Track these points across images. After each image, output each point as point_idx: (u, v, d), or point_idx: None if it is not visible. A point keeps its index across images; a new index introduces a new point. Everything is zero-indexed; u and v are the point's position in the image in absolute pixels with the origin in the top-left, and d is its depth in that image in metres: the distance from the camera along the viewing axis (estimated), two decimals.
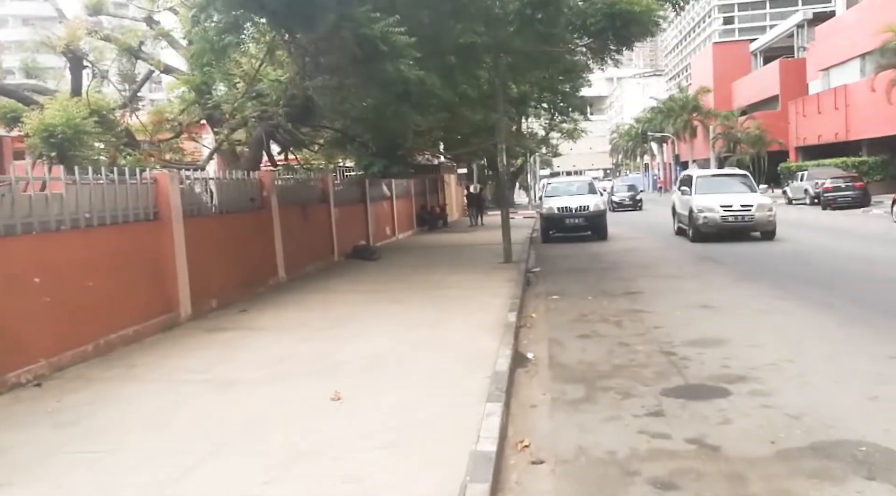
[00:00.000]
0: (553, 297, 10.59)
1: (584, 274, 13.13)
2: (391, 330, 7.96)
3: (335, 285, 11.81)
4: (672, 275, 12.51)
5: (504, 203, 14.67)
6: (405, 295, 10.49)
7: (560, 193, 21.33)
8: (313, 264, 13.70)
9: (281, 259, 12.00)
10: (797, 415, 5.06)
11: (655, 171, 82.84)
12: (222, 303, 9.99)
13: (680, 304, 9.45)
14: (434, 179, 30.11)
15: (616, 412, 5.35)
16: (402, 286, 11.39)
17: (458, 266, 13.98)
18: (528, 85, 18.38)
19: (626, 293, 10.59)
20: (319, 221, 14.50)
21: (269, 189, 11.84)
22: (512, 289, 10.47)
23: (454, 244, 19.12)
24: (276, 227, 11.93)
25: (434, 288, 11.07)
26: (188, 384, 6.21)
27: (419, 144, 19.17)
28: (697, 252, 15.75)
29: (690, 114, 55.98)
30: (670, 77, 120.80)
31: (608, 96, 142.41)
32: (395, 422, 4.91)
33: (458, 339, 7.38)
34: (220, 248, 10.22)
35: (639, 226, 25.74)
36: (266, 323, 8.86)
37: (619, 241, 19.43)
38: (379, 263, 14.82)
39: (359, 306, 9.66)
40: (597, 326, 8.32)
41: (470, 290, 10.66)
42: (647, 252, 16.51)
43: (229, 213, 10.80)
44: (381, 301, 9.97)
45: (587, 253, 16.92)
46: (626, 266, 13.97)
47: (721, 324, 8.14)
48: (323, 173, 15.57)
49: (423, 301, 9.82)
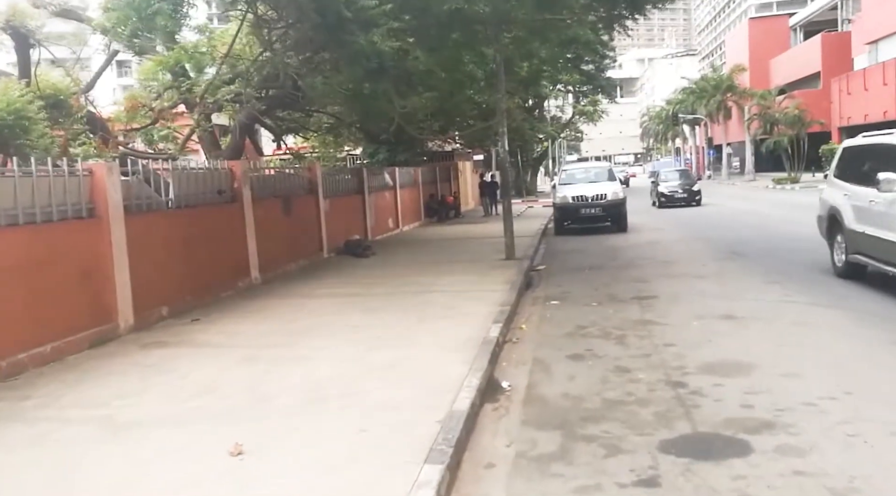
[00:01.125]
0: (552, 303, 9.23)
1: (594, 273, 11.73)
2: (350, 349, 6.70)
3: (312, 288, 10.57)
4: (693, 274, 11.04)
5: (506, 193, 13.27)
6: (383, 301, 9.21)
7: (575, 181, 19.73)
8: (296, 262, 12.49)
9: (254, 258, 10.81)
10: (843, 489, 3.69)
11: (687, 155, 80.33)
12: (176, 310, 8.82)
13: (698, 313, 8.02)
14: (447, 167, 28.73)
15: (595, 478, 4.01)
16: (385, 289, 10.11)
17: (455, 264, 12.66)
18: (537, 62, 16.73)
19: (638, 298, 9.18)
20: (305, 215, 13.28)
21: (240, 180, 10.63)
22: (506, 294, 9.15)
23: (459, 237, 17.78)
24: (248, 223, 10.73)
25: (419, 291, 9.78)
26: (74, 426, 5.02)
27: (414, 129, 17.81)
28: (724, 246, 14.21)
29: (724, 94, 53.44)
30: (703, 56, 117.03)
31: (639, 78, 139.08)
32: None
33: (423, 363, 6.09)
34: (175, 247, 9.05)
35: (662, 214, 24.12)
36: (213, 336, 7.66)
37: (639, 233, 17.90)
38: (371, 260, 13.57)
39: (326, 316, 8.41)
40: (595, 343, 6.96)
41: (459, 295, 9.36)
42: (670, 246, 15.00)
43: (190, 208, 9.63)
44: (354, 309, 8.71)
45: (603, 247, 15.46)
46: (642, 263, 12.51)
47: (746, 342, 6.72)
48: (310, 162, 14.32)
49: (400, 309, 8.54)
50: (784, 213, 21.54)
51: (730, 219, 20.56)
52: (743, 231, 16.72)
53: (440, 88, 14.51)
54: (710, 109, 55.72)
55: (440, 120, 18.69)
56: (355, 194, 16.52)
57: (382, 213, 18.51)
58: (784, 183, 39.33)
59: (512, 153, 43.11)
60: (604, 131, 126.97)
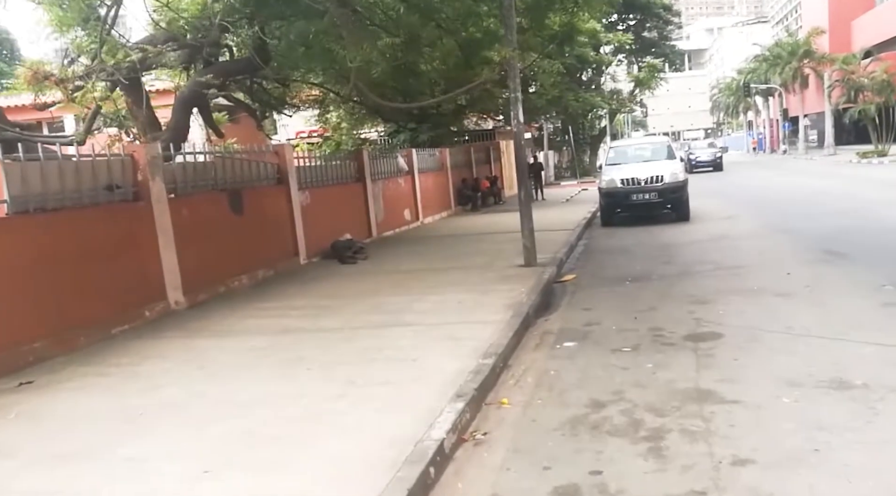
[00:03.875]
0: (566, 346, 6.32)
1: (637, 286, 8.73)
2: (178, 468, 3.99)
3: (241, 317, 7.84)
4: (775, 289, 7.90)
5: (523, 180, 10.30)
6: (319, 345, 6.45)
7: (627, 160, 16.39)
8: (253, 274, 9.87)
9: (174, 275, 8.21)
10: None
11: (760, 129, 74.71)
12: (17, 362, 6.17)
13: (790, 374, 5.00)
14: (485, 147, 25.72)
15: None
16: (336, 322, 7.35)
17: (456, 272, 9.84)
18: (572, 5, 13.11)
19: (694, 337, 6.18)
20: (271, 212, 10.62)
21: (146, 171, 8.00)
22: (500, 331, 6.31)
23: (485, 231, 14.86)
24: (162, 227, 8.12)
25: (381, 325, 7.02)
26: None
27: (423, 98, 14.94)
28: (813, 242, 10.91)
29: (801, 60, 48.43)
30: (776, 22, 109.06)
31: (707, 49, 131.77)
32: None
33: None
34: (16, 273, 6.39)
35: (734, 197, 20.61)
36: (24, 422, 5.02)
37: (704, 223, 14.63)
38: (356, 268, 10.86)
39: (214, 379, 5.64)
40: (611, 452, 4.02)
41: (432, 331, 6.57)
42: (741, 242, 11.78)
43: (50, 213, 6.96)
44: (266, 362, 6.00)
45: (655, 243, 12.35)
46: (704, 270, 9.41)
47: (881, 454, 3.71)
48: (278, 146, 11.64)
49: (331, 365, 5.78)
50: (881, 193, 17.81)
51: (814, 202, 16.99)
52: (835, 219, 13.30)
53: (447, 53, 11.66)
54: (784, 78, 50.84)
55: (450, 88, 15.57)
56: (353, 183, 13.79)
57: (394, 203, 15.74)
58: (870, 156, 34.86)
59: (564, 130, 39.85)
60: (671, 106, 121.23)
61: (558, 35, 16.07)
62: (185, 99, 10.35)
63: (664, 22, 39.99)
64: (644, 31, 40.19)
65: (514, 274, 9.34)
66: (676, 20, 42.31)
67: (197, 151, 9.62)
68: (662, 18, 39.35)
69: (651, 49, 38.42)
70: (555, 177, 36.00)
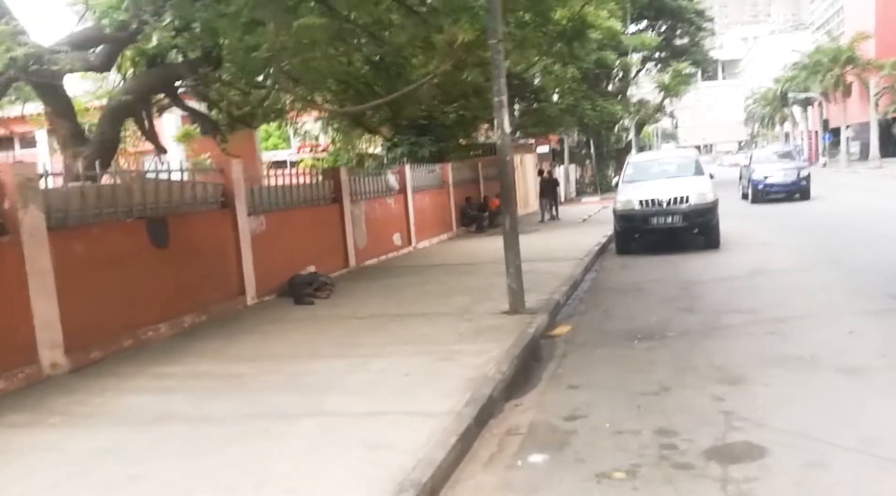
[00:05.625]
0: (530, 462, 4.33)
1: (648, 349, 6.69)
2: None
3: (129, 392, 5.89)
4: (836, 361, 5.81)
5: (506, 203, 8.39)
6: (187, 452, 4.54)
7: (646, 177, 14.21)
8: (175, 321, 8.00)
9: (51, 330, 6.38)
10: None
11: (797, 141, 71.60)
12: None
13: None
14: (496, 162, 23.75)
15: None
16: (239, 402, 5.44)
17: (427, 319, 7.91)
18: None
19: (721, 455, 4.16)
20: (207, 243, 8.78)
21: (14, 199, 6.23)
22: (441, 431, 4.38)
23: (480, 260, 12.87)
24: (35, 269, 6.30)
25: (295, 412, 5.10)
26: None
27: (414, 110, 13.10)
28: (875, 280, 8.76)
29: (844, 67, 45.77)
30: (816, 27, 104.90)
31: (742, 59, 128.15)
32: None
33: None
34: None
35: (767, 221, 18.36)
36: None
37: (736, 252, 12.46)
38: (310, 312, 8.95)
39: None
40: None
41: (354, 429, 4.65)
42: (782, 279, 9.70)
43: None
44: (97, 483, 4.14)
45: (677, 279, 10.27)
46: (736, 324, 7.33)
47: None
48: (221, 163, 9.84)
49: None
50: None
51: (868, 226, 14.75)
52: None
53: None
54: (825, 86, 48.13)
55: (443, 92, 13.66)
56: (327, 204, 11.93)
57: (380, 227, 13.83)
58: None
59: (587, 142, 37.70)
60: (703, 117, 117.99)
61: (567, 31, 14.02)
62: (114, 108, 8.64)
63: (696, 28, 37.67)
64: (675, 37, 37.94)
65: (493, 325, 7.38)
66: (709, 26, 39.87)
67: (89, 173, 7.79)
68: (695, 24, 37.05)
69: (682, 56, 36.13)
70: (576, 192, 33.85)
